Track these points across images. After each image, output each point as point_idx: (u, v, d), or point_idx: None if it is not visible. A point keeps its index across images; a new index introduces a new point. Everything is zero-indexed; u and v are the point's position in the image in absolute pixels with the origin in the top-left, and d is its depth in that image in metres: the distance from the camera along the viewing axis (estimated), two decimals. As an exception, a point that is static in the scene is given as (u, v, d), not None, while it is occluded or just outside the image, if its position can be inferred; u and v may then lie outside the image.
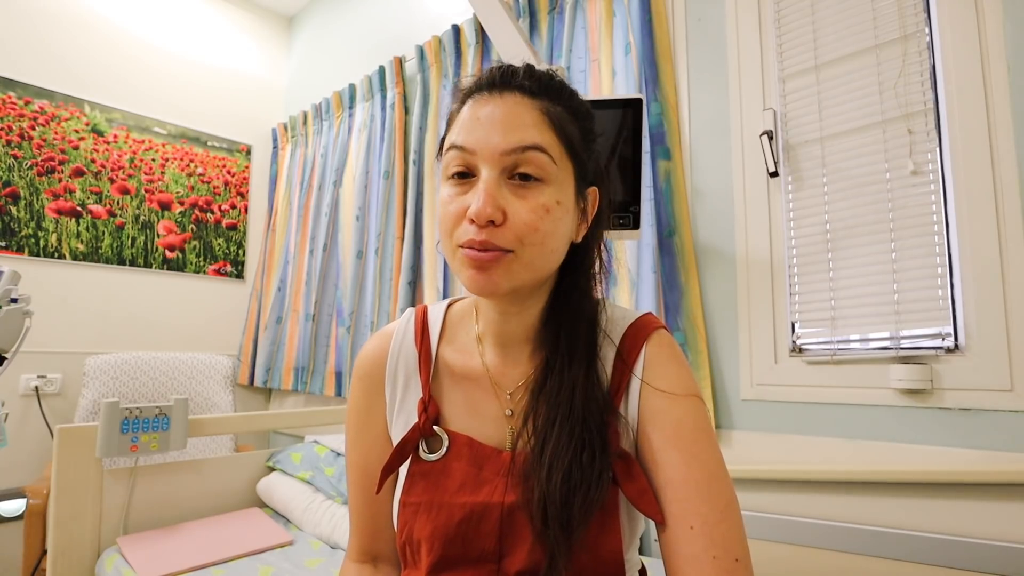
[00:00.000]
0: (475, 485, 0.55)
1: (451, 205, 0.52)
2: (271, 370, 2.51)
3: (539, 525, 0.50)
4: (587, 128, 0.57)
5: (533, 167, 0.51)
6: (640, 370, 0.56)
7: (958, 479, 0.96)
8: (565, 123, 0.53)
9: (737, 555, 0.48)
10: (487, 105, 0.52)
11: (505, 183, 0.51)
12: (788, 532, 1.07)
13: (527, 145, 0.50)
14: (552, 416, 0.54)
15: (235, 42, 2.83)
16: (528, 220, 0.50)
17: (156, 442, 1.38)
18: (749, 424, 1.23)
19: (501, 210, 0.50)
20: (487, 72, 0.55)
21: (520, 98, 0.52)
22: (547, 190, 0.51)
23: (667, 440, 0.53)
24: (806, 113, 1.21)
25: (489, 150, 0.51)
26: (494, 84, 0.54)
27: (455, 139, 0.53)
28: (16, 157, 2.14)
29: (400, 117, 2.14)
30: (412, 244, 1.96)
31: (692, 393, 0.55)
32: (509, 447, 0.58)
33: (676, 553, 0.49)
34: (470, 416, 0.60)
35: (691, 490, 0.50)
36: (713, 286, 1.31)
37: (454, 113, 0.56)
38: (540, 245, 0.51)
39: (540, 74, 0.55)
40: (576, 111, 0.56)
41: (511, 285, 0.53)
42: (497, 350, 0.61)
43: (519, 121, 0.51)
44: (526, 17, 1.72)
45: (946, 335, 1.02)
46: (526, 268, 0.52)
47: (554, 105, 0.54)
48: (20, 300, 1.29)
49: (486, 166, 0.51)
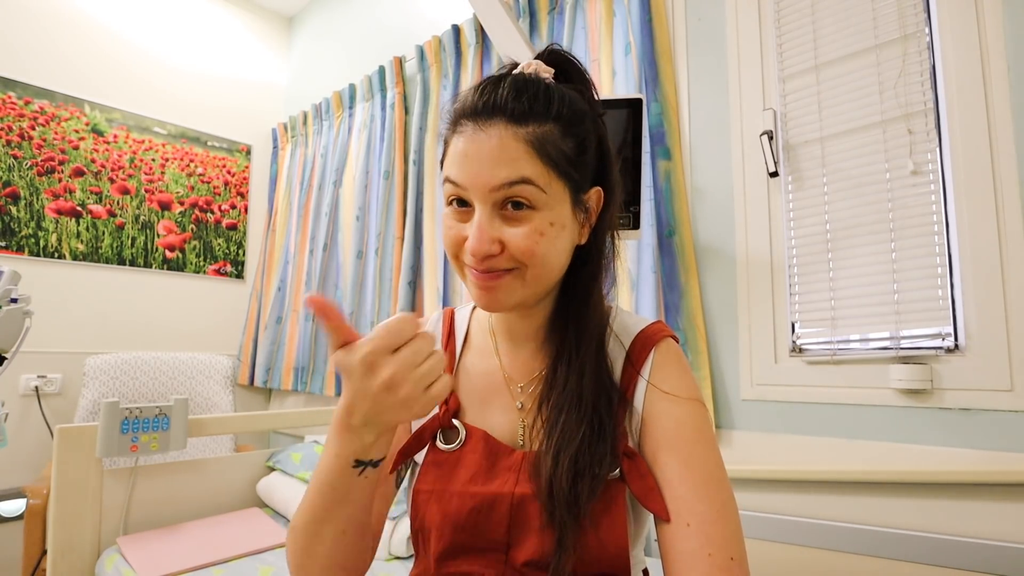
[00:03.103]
0: (487, 477, 0.57)
1: (452, 231, 0.56)
2: (271, 370, 2.51)
3: (548, 507, 0.52)
4: (582, 135, 0.56)
5: (523, 197, 0.52)
6: (647, 372, 0.59)
7: (958, 479, 0.96)
8: (554, 144, 0.53)
9: (732, 554, 0.49)
10: (473, 140, 0.52)
11: (498, 214, 0.53)
12: (788, 532, 1.07)
13: (513, 180, 0.51)
14: (561, 403, 0.56)
15: (235, 42, 2.83)
16: (524, 246, 0.53)
17: (156, 442, 1.38)
18: (749, 424, 1.23)
19: (497, 241, 0.53)
20: (472, 97, 0.54)
21: (504, 128, 0.52)
22: (538, 215, 0.53)
23: (668, 440, 0.55)
24: (806, 113, 1.21)
25: (478, 187, 0.52)
26: (478, 114, 0.53)
27: (449, 173, 0.55)
28: (16, 157, 2.14)
29: (400, 117, 2.14)
30: (412, 244, 1.96)
31: (694, 397, 0.58)
32: (520, 440, 0.60)
33: (672, 549, 0.51)
34: (484, 410, 0.63)
35: (688, 489, 0.52)
36: (713, 286, 1.31)
37: (448, 137, 0.57)
38: (540, 266, 0.54)
39: (526, 89, 0.53)
40: (570, 119, 0.54)
41: (517, 301, 0.56)
42: (509, 346, 0.65)
43: (505, 156, 0.51)
44: (526, 17, 1.72)
45: (946, 335, 1.02)
46: (530, 284, 0.55)
47: (542, 125, 0.52)
48: (20, 300, 1.29)
49: (478, 202, 0.53)
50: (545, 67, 0.58)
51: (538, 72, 0.57)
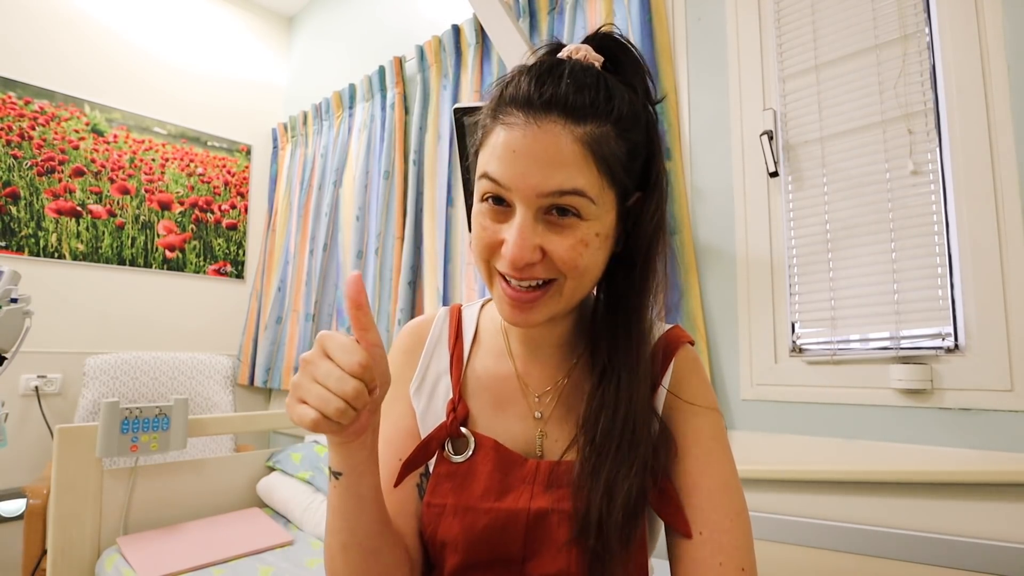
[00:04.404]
0: (500, 490, 0.55)
1: (486, 233, 0.50)
2: (271, 370, 2.51)
3: (592, 539, 0.49)
4: (636, 138, 0.50)
5: (572, 206, 0.48)
6: (667, 382, 0.58)
7: (958, 479, 0.96)
8: (609, 147, 0.48)
9: (743, 564, 0.49)
10: (523, 135, 0.46)
11: (541, 219, 0.48)
12: (788, 532, 1.07)
13: (565, 190, 0.46)
14: (610, 433, 0.52)
15: (235, 42, 2.83)
16: (567, 257, 0.48)
17: (156, 442, 1.38)
18: (749, 424, 1.23)
19: (538, 249, 0.48)
20: (527, 84, 0.48)
21: (561, 127, 0.46)
22: (585, 225, 0.48)
23: (684, 448, 0.54)
24: (806, 113, 1.21)
25: (525, 190, 0.47)
26: (532, 105, 0.47)
27: (488, 168, 0.49)
28: (16, 157, 2.14)
29: (400, 117, 2.14)
30: (412, 244, 1.96)
31: (713, 407, 0.57)
32: (538, 450, 0.58)
33: (684, 557, 0.50)
34: (496, 417, 0.60)
35: (702, 497, 0.51)
36: (713, 286, 1.31)
37: (488, 124, 0.50)
38: (580, 278, 0.50)
39: (587, 84, 0.47)
40: (628, 121, 0.49)
41: (548, 317, 0.52)
42: (526, 352, 0.62)
43: (559, 159, 0.46)
44: (526, 17, 1.72)
45: (946, 335, 1.02)
46: (566, 299, 0.52)
47: (601, 126, 0.47)
48: (20, 300, 1.29)
49: (521, 205, 0.48)
50: (595, 54, 0.51)
51: (587, 59, 0.50)
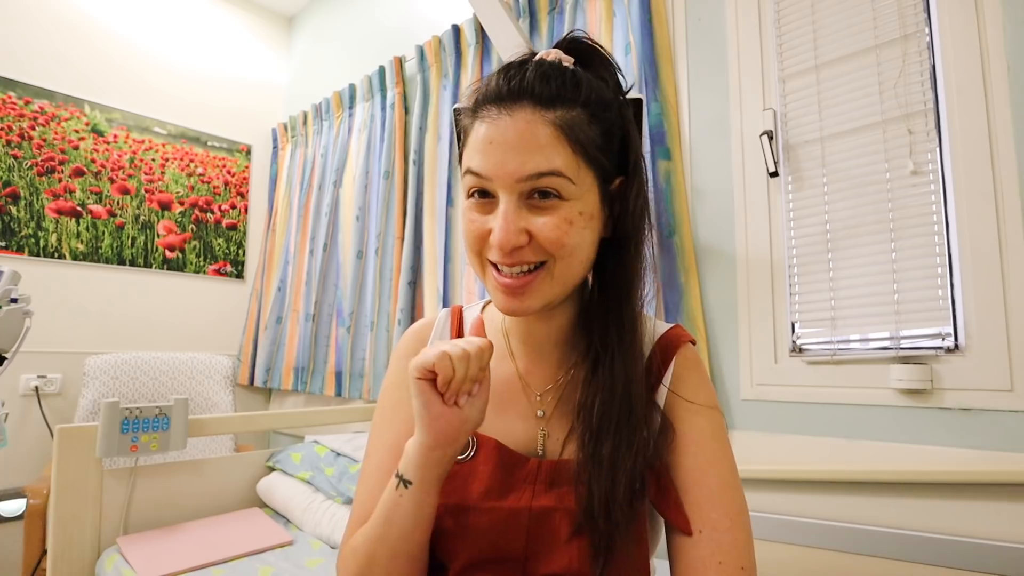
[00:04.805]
0: (502, 490, 0.55)
1: (474, 225, 0.53)
2: (271, 370, 2.51)
3: (586, 520, 0.50)
4: (608, 122, 0.53)
5: (552, 187, 0.50)
6: (668, 380, 0.58)
7: (958, 479, 0.96)
8: (582, 129, 0.51)
9: (743, 563, 0.49)
10: (498, 125, 0.50)
11: (524, 203, 0.51)
12: (788, 532, 1.07)
13: (543, 172, 0.49)
14: (608, 414, 0.53)
15: (235, 42, 2.83)
16: (553, 237, 0.50)
17: (156, 442, 1.38)
18: (749, 424, 1.23)
19: (524, 232, 0.50)
20: (496, 81, 0.52)
21: (532, 113, 0.50)
22: (567, 204, 0.51)
23: (684, 447, 0.54)
24: (806, 113, 1.21)
25: (504, 177, 0.50)
26: (502, 98, 0.51)
27: (470, 163, 0.52)
28: (16, 157, 2.14)
29: (400, 117, 2.14)
30: (412, 244, 1.96)
31: (713, 406, 0.57)
32: (540, 448, 0.58)
33: (682, 556, 0.50)
34: (498, 417, 0.60)
35: (702, 496, 0.51)
36: (713, 286, 1.31)
37: (467, 126, 0.54)
38: (569, 258, 0.52)
39: (552, 75, 0.51)
40: (597, 105, 0.52)
41: (543, 303, 0.53)
42: (527, 351, 0.62)
43: (533, 143, 0.49)
44: (526, 17, 1.72)
45: (946, 335, 1.02)
46: (557, 282, 0.53)
47: (570, 110, 0.50)
48: (20, 300, 1.29)
49: (503, 192, 0.50)
50: (566, 56, 0.55)
51: (560, 60, 0.54)
